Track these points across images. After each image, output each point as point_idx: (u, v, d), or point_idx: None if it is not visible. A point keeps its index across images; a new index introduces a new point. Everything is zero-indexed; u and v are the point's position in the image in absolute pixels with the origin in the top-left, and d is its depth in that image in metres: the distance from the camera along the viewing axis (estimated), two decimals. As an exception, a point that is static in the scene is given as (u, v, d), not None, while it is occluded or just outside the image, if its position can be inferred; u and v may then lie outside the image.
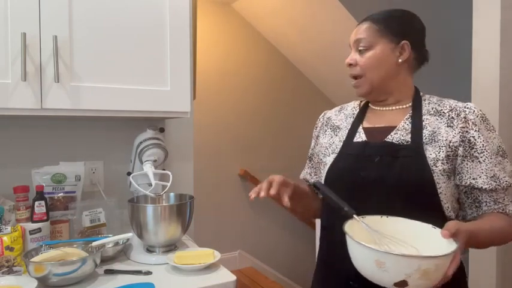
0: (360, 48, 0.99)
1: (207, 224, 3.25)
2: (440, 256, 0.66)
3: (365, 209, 0.84)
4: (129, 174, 1.31)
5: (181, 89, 1.26)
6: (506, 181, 0.89)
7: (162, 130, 1.33)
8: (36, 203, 1.13)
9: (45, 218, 1.14)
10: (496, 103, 1.70)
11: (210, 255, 1.11)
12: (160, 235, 1.15)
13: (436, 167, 0.89)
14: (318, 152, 1.12)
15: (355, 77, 1.01)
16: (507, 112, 1.71)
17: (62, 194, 1.24)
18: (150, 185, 1.19)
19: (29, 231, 1.11)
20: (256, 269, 3.43)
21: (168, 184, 1.21)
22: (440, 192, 0.89)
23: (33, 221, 1.12)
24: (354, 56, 1.00)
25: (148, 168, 1.22)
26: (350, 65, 1.00)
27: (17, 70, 1.00)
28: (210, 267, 1.09)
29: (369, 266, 0.69)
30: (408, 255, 0.67)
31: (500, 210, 0.91)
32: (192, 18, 1.55)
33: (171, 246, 1.21)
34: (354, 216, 0.81)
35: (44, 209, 1.14)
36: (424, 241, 0.77)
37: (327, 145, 1.08)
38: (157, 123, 1.35)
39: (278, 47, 3.64)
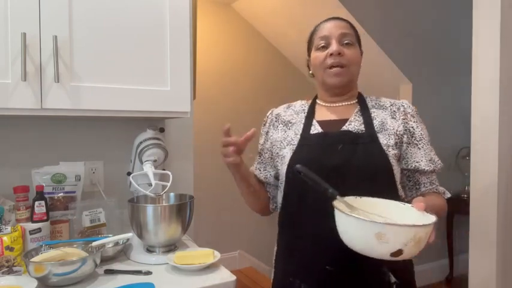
0: (346, 41, 1.05)
1: (207, 224, 3.25)
2: (430, 224, 0.73)
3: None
4: (129, 174, 1.31)
5: (181, 89, 1.26)
6: (440, 163, 1.07)
7: (162, 130, 1.33)
8: (36, 203, 1.13)
9: (45, 218, 1.14)
10: (496, 103, 1.70)
11: (210, 255, 1.11)
12: (160, 235, 1.15)
13: (389, 151, 1.00)
14: (269, 147, 1.17)
15: (341, 66, 1.04)
16: (507, 112, 1.71)
17: (62, 194, 1.24)
18: (150, 185, 1.19)
19: (29, 231, 1.11)
20: (256, 269, 3.43)
21: (168, 184, 1.21)
22: (395, 174, 1.01)
23: (33, 221, 1.12)
24: (340, 47, 1.04)
25: (148, 168, 1.22)
26: (339, 54, 1.03)
27: (17, 70, 1.00)
28: (210, 267, 1.09)
29: (368, 239, 0.72)
30: (409, 225, 0.71)
31: (434, 190, 1.07)
32: (192, 18, 1.55)
33: (171, 246, 1.21)
34: (337, 197, 0.85)
35: (44, 209, 1.14)
36: (395, 216, 0.82)
37: (281, 139, 1.12)
38: (157, 123, 1.35)
39: (278, 47, 3.64)
